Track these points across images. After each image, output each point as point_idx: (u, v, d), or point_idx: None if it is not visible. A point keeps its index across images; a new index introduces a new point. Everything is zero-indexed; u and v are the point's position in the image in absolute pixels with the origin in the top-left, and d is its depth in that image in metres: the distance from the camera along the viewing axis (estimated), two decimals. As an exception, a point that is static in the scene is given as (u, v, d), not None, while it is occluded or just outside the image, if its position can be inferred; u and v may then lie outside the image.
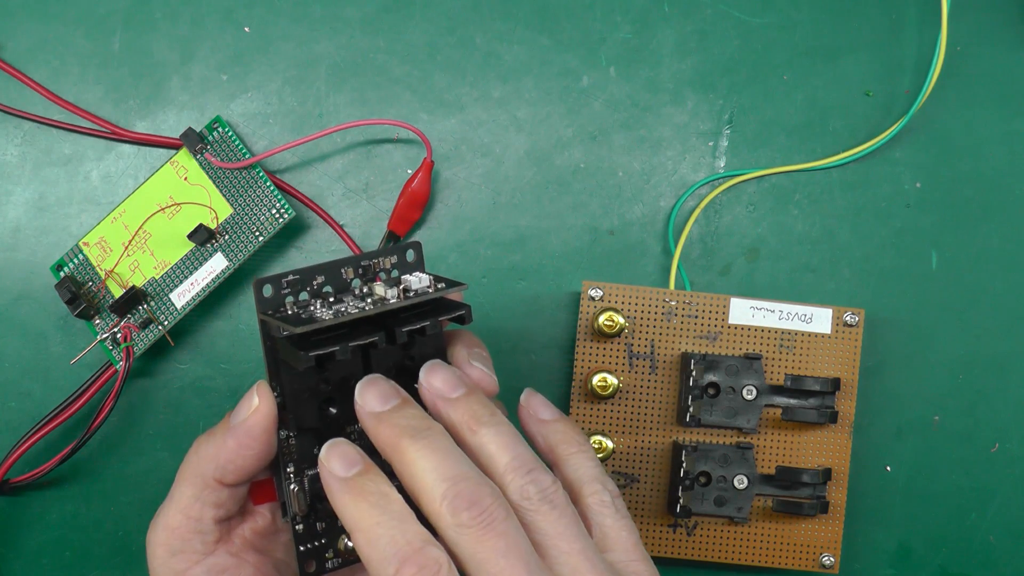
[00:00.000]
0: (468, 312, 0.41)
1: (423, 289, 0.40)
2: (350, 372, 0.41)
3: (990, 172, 0.55)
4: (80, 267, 0.53)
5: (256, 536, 0.43)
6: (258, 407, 0.40)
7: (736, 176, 0.54)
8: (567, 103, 0.54)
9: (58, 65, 0.54)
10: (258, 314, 0.40)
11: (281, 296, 0.40)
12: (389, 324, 0.40)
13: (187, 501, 0.41)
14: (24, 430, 0.52)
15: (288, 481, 0.42)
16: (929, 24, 0.55)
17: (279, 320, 0.39)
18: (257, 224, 0.52)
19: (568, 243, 0.54)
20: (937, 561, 0.54)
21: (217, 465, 0.41)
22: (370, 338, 0.39)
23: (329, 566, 0.43)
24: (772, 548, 0.52)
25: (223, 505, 0.41)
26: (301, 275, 0.40)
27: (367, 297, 0.40)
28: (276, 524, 0.44)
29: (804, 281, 0.54)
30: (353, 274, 0.41)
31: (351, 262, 0.41)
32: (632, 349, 0.52)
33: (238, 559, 0.42)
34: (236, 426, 0.40)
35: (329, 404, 0.41)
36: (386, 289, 0.40)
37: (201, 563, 0.41)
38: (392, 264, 0.42)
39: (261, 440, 0.40)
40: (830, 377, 0.51)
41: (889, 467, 0.54)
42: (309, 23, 0.54)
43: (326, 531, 0.42)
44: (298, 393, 0.41)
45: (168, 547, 0.41)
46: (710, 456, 0.51)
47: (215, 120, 0.53)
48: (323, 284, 0.41)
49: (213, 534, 0.42)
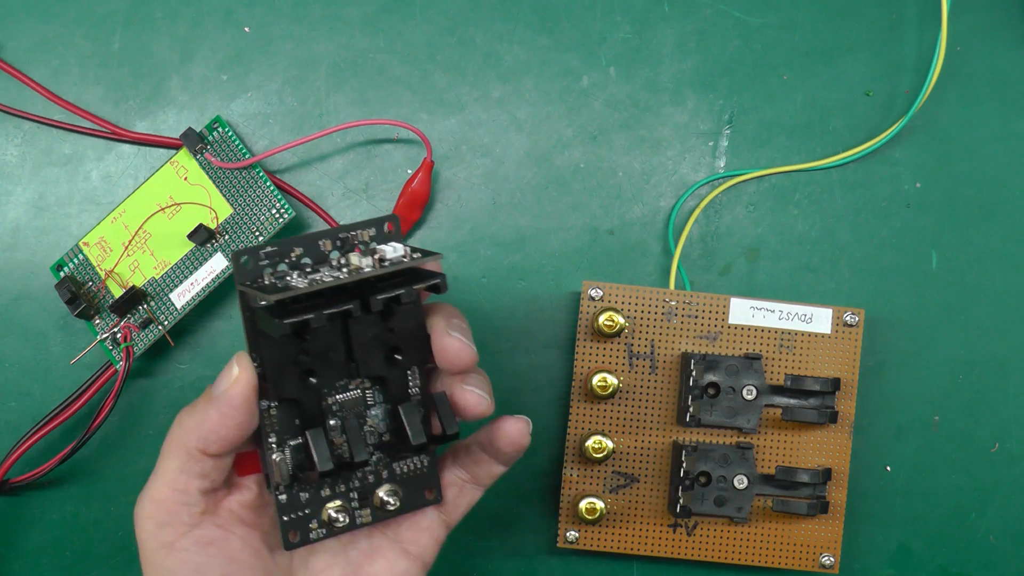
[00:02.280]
0: (443, 280, 0.41)
1: (398, 258, 0.41)
2: (330, 343, 0.41)
3: (990, 172, 0.55)
4: (80, 267, 0.53)
5: (243, 509, 0.43)
6: (238, 377, 0.40)
7: (736, 176, 0.54)
8: (567, 103, 0.54)
9: (58, 65, 0.54)
10: (237, 285, 0.40)
11: (259, 267, 0.40)
12: (366, 293, 0.40)
13: (172, 473, 0.41)
14: (24, 430, 0.52)
15: (270, 451, 0.42)
16: (929, 24, 0.55)
17: (256, 290, 0.39)
18: (257, 224, 0.51)
19: (568, 243, 0.54)
20: (937, 561, 0.54)
21: (200, 436, 0.41)
22: (345, 306, 0.40)
23: (313, 536, 0.43)
24: (772, 548, 0.52)
25: (208, 476, 0.42)
26: (279, 247, 0.41)
27: (344, 267, 0.41)
28: (263, 497, 0.44)
29: (804, 281, 0.54)
30: (331, 246, 0.41)
31: (329, 234, 0.41)
32: (632, 349, 0.52)
33: (225, 531, 0.42)
34: (217, 396, 0.40)
35: (310, 375, 0.42)
36: (362, 259, 0.40)
37: (188, 535, 0.41)
38: (370, 237, 0.42)
39: (242, 410, 0.40)
40: (830, 377, 0.51)
41: (889, 467, 0.54)
42: (309, 23, 0.54)
43: (310, 501, 0.43)
44: (278, 363, 0.41)
45: (155, 519, 0.42)
46: (710, 456, 0.51)
47: (215, 120, 0.53)
48: (301, 256, 0.41)
49: (199, 505, 0.42)
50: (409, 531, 0.45)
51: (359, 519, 0.44)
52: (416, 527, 0.45)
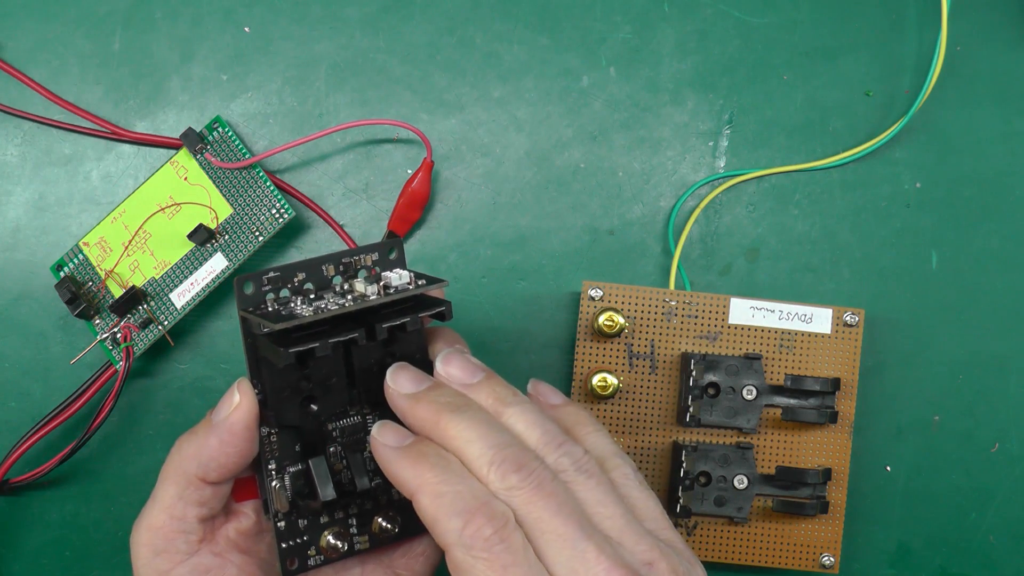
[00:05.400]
0: (448, 308, 0.41)
1: (403, 286, 0.40)
2: (332, 370, 0.41)
3: (990, 172, 0.55)
4: (80, 267, 0.53)
5: (240, 536, 0.43)
6: (239, 404, 0.40)
7: (736, 176, 0.54)
8: (567, 103, 0.54)
9: (58, 65, 0.54)
10: (239, 311, 0.40)
11: (262, 293, 0.40)
12: (370, 321, 0.40)
13: (170, 500, 0.41)
14: (24, 430, 0.52)
15: (270, 478, 0.42)
16: (929, 24, 0.55)
17: (259, 317, 0.39)
18: (257, 224, 0.52)
19: (568, 243, 0.54)
20: (937, 561, 0.54)
21: (199, 463, 0.40)
22: (350, 334, 0.39)
23: (311, 563, 0.43)
24: (772, 548, 0.52)
25: (206, 503, 0.41)
26: (282, 272, 0.40)
27: (348, 294, 0.41)
28: (260, 524, 0.44)
29: (804, 281, 0.54)
30: (334, 271, 0.41)
31: (332, 259, 0.41)
32: (632, 349, 0.52)
33: (222, 559, 0.42)
34: (218, 424, 0.40)
35: (311, 401, 0.41)
36: (366, 286, 0.40)
37: (185, 563, 0.41)
38: (373, 261, 0.42)
39: (243, 437, 0.40)
40: (830, 377, 0.51)
41: (889, 467, 0.54)
42: (309, 23, 0.54)
43: (308, 528, 0.42)
44: (279, 390, 0.41)
45: (151, 547, 0.41)
46: (710, 456, 0.51)
47: (215, 120, 0.53)
48: (304, 281, 0.41)
49: (197, 533, 0.42)
50: (403, 557, 0.45)
51: (357, 545, 0.43)
52: (410, 553, 0.45)
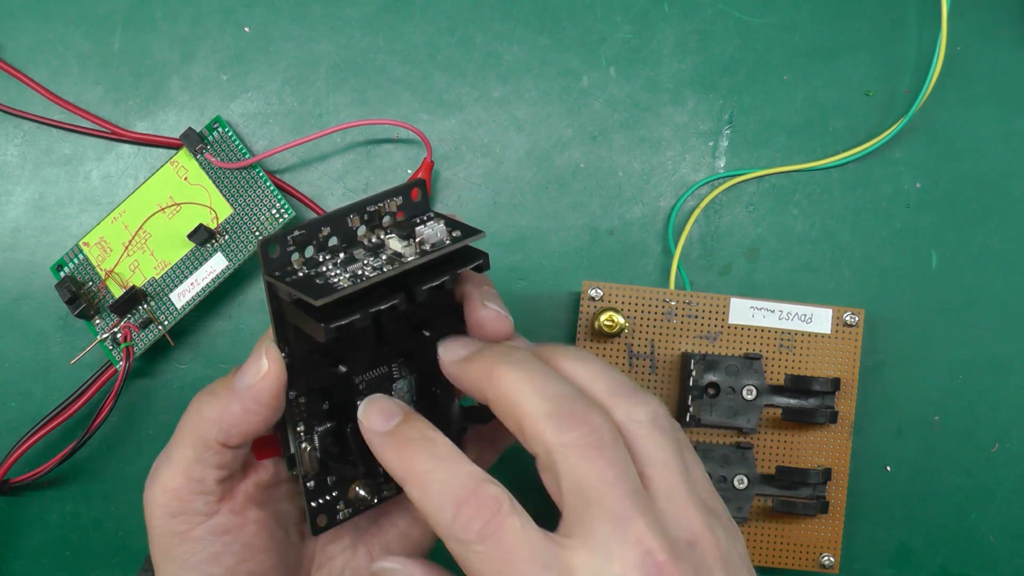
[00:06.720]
0: (486, 260, 0.39)
1: (440, 242, 0.38)
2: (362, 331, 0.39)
3: (990, 172, 0.55)
4: (80, 267, 0.53)
5: (258, 489, 0.42)
6: (268, 372, 0.38)
7: (736, 176, 0.54)
8: (567, 103, 0.54)
9: (58, 65, 0.54)
10: (264, 276, 0.37)
11: (287, 254, 0.38)
12: (406, 282, 0.38)
13: (187, 463, 0.39)
14: (24, 430, 0.52)
15: (299, 440, 0.40)
16: (929, 24, 0.55)
17: (292, 286, 0.36)
18: (257, 224, 0.52)
19: (568, 243, 0.54)
20: (937, 561, 0.54)
21: (221, 429, 0.39)
22: (390, 301, 0.37)
23: (340, 517, 0.42)
24: (772, 548, 0.52)
25: (226, 466, 0.40)
26: (307, 229, 0.38)
27: (379, 250, 0.38)
28: (278, 475, 0.42)
29: (804, 281, 0.54)
30: (359, 221, 0.39)
31: (356, 209, 0.39)
32: (632, 349, 0.52)
33: (240, 517, 0.41)
34: (243, 391, 0.38)
35: (339, 363, 0.40)
36: (400, 243, 0.38)
37: (203, 524, 0.40)
38: (399, 205, 0.39)
39: (269, 406, 0.38)
40: (830, 377, 0.51)
41: (889, 467, 0.54)
42: (309, 23, 0.54)
43: (336, 484, 0.42)
44: (308, 355, 0.39)
45: (168, 508, 0.40)
46: (710, 456, 0.51)
47: (215, 120, 0.53)
48: (329, 236, 0.38)
49: (216, 494, 0.40)
50: None
51: (385, 492, 0.43)
52: None
